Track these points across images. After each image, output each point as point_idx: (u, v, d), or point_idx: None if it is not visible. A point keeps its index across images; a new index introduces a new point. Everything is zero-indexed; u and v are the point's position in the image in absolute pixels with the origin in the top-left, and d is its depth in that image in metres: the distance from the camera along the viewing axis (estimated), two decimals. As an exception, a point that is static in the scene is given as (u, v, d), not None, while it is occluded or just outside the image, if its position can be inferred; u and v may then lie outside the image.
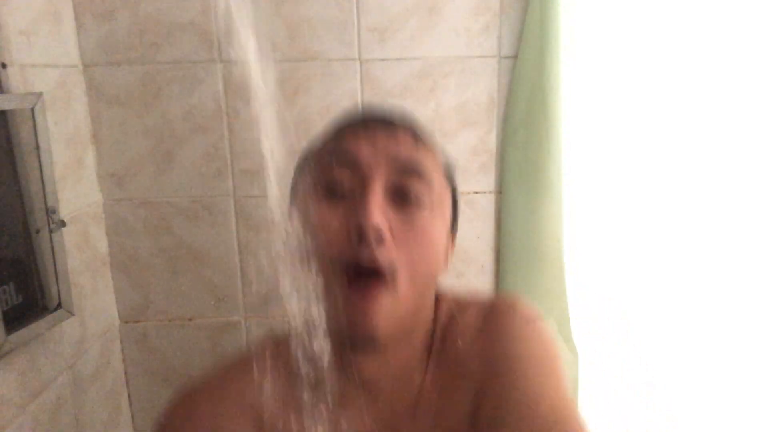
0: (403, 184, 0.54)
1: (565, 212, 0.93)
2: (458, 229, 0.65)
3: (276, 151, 0.54)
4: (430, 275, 0.56)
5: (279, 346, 0.59)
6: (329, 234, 0.52)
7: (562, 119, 0.90)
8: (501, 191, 0.99)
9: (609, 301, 1.02)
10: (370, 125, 0.57)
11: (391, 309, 0.52)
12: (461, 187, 0.98)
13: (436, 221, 0.56)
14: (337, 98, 0.95)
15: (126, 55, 0.93)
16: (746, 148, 0.96)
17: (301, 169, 0.60)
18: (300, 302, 0.55)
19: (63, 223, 0.80)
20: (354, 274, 0.51)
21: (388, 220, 0.52)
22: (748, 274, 1.00)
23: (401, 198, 0.54)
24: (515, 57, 0.94)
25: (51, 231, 0.78)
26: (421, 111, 0.96)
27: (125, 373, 1.05)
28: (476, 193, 1.00)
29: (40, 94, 0.76)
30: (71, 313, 0.82)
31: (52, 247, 0.79)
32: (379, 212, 0.51)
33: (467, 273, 1.03)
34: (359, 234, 0.51)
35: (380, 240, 0.51)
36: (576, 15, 0.91)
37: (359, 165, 0.54)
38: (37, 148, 0.76)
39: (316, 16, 0.92)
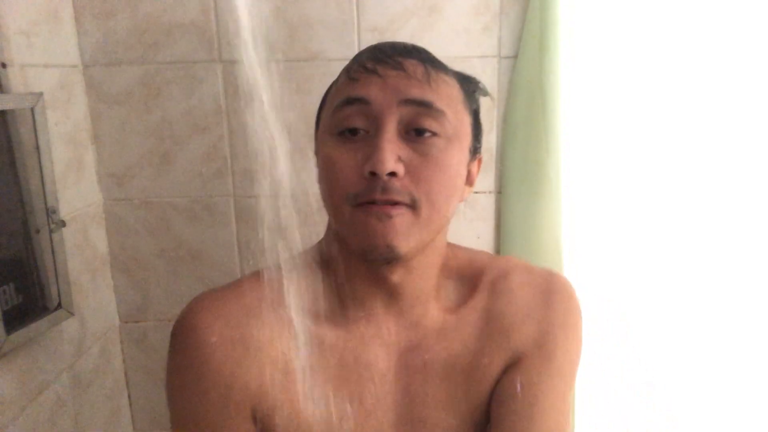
0: (415, 119, 0.55)
1: (565, 212, 0.93)
2: (454, 225, 0.66)
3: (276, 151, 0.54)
4: (448, 200, 0.57)
5: (307, 259, 0.63)
6: (346, 175, 0.55)
7: (561, 119, 0.90)
8: (501, 191, 0.99)
9: (608, 301, 1.03)
10: (380, 61, 0.57)
11: (410, 229, 0.54)
12: (461, 187, 0.99)
13: (451, 149, 0.57)
14: (337, 98, 0.95)
15: (126, 55, 0.93)
16: (746, 148, 0.96)
17: (323, 102, 0.63)
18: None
19: (63, 223, 0.80)
20: (375, 204, 0.54)
21: (402, 156, 0.54)
22: (747, 274, 1.00)
23: (415, 131, 0.55)
24: (515, 57, 0.94)
25: (51, 231, 0.78)
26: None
27: (125, 373, 1.05)
28: (476, 193, 1.00)
29: (40, 94, 0.76)
30: (71, 313, 0.82)
31: (52, 247, 0.79)
32: (390, 156, 0.53)
33: (467, 273, 1.02)
34: (374, 179, 0.53)
35: (393, 182, 0.53)
36: (576, 15, 0.91)
37: (371, 105, 0.55)
38: (37, 148, 0.76)
39: (316, 16, 0.92)
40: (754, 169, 0.96)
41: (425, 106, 0.55)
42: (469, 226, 1.01)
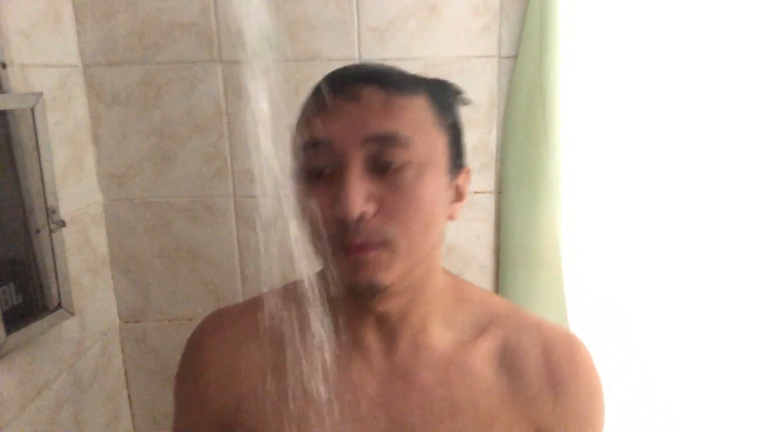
0: (381, 153, 0.52)
1: (564, 212, 0.93)
2: (454, 225, 0.65)
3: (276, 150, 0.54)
4: (427, 229, 0.54)
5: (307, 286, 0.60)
6: (318, 219, 0.52)
7: (561, 119, 0.90)
8: (501, 191, 0.99)
9: (608, 301, 1.03)
10: (338, 92, 0.54)
11: (389, 264, 0.53)
12: (461, 187, 0.99)
13: (424, 177, 0.53)
14: (337, 98, 0.95)
15: (126, 55, 0.93)
16: (746, 148, 0.96)
17: (293, 136, 0.58)
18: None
19: (63, 223, 0.80)
20: (349, 248, 0.52)
21: (373, 192, 0.52)
22: (747, 274, 1.00)
23: (382, 166, 0.52)
24: (515, 57, 0.94)
25: (51, 231, 0.78)
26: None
27: (125, 373, 1.05)
28: (476, 193, 1.00)
29: (40, 94, 0.76)
30: (71, 313, 0.82)
31: (52, 247, 0.79)
32: (356, 199, 0.50)
33: (467, 273, 1.03)
34: (344, 224, 0.51)
35: (364, 224, 0.51)
36: (576, 15, 0.91)
37: (333, 146, 0.52)
38: (37, 148, 0.76)
39: (316, 16, 0.92)
40: (754, 168, 0.96)
41: (389, 139, 0.52)
42: (469, 226, 1.01)
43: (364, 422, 0.58)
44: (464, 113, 0.97)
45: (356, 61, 0.94)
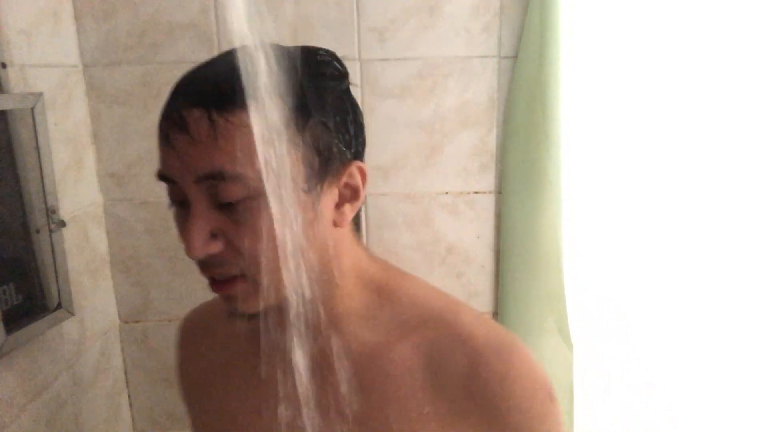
0: (216, 192, 0.47)
1: (565, 212, 0.93)
2: (454, 225, 0.63)
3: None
4: (286, 257, 0.49)
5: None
6: (184, 243, 0.50)
7: (561, 119, 0.90)
8: (501, 191, 0.99)
9: (608, 301, 1.03)
10: (168, 118, 0.48)
11: (255, 293, 0.51)
12: (461, 188, 0.99)
13: (269, 208, 0.47)
14: (337, 98, 0.95)
15: (126, 55, 0.93)
16: (746, 148, 0.96)
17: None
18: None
19: (63, 223, 0.80)
20: (210, 282, 0.53)
21: (220, 228, 0.49)
22: (747, 274, 1.00)
23: (222, 201, 0.48)
24: (515, 57, 0.94)
25: (51, 231, 0.78)
26: (421, 111, 0.96)
27: (125, 373, 1.05)
28: (476, 193, 1.00)
29: (40, 94, 0.76)
30: (71, 313, 0.82)
31: (52, 247, 0.79)
32: (199, 240, 0.48)
33: (467, 273, 1.03)
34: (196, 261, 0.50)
35: (215, 260, 0.50)
36: (576, 15, 0.91)
37: (174, 182, 0.49)
38: (37, 148, 0.76)
39: (316, 16, 0.92)
40: (754, 168, 0.96)
41: (219, 177, 0.46)
42: (469, 226, 1.01)
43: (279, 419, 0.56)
44: (464, 113, 0.98)
45: (356, 61, 0.94)
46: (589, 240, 1.00)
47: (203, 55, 0.93)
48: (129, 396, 1.06)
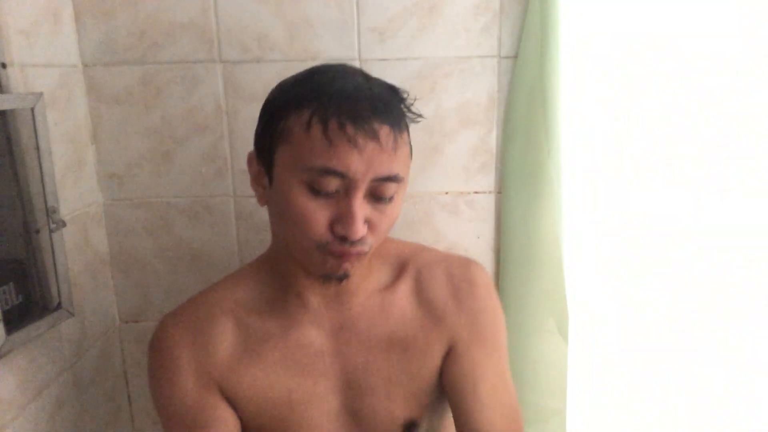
0: (381, 189, 0.62)
1: (565, 212, 0.93)
2: (454, 225, 0.76)
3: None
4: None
5: (256, 265, 0.76)
6: (315, 228, 0.62)
7: (562, 119, 0.90)
8: (501, 191, 0.99)
9: (608, 301, 1.03)
10: (358, 126, 0.60)
11: (363, 260, 0.67)
12: (461, 188, 0.99)
13: (401, 197, 0.66)
14: (337, 98, 0.95)
15: (126, 55, 0.93)
16: (746, 148, 0.96)
17: (275, 125, 0.64)
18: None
19: (63, 223, 0.80)
20: (341, 254, 0.63)
21: (367, 217, 0.63)
22: (747, 274, 1.00)
23: (377, 196, 0.63)
24: (515, 57, 0.94)
25: (51, 231, 0.78)
26: (421, 111, 0.96)
27: (125, 373, 1.05)
28: (476, 193, 1.00)
29: (40, 94, 0.76)
30: (71, 313, 0.83)
31: (52, 247, 0.79)
32: (360, 223, 0.61)
33: (467, 273, 1.02)
34: (344, 238, 0.61)
35: (360, 241, 0.62)
36: (576, 15, 0.91)
37: (346, 177, 0.60)
38: (37, 148, 0.76)
39: (316, 16, 0.92)
40: (754, 168, 0.97)
41: (391, 179, 0.62)
42: (469, 226, 1.01)
43: (319, 370, 0.71)
44: (464, 113, 0.98)
45: (356, 61, 0.94)
46: (589, 240, 1.00)
47: (203, 55, 0.93)
48: (129, 396, 1.06)
